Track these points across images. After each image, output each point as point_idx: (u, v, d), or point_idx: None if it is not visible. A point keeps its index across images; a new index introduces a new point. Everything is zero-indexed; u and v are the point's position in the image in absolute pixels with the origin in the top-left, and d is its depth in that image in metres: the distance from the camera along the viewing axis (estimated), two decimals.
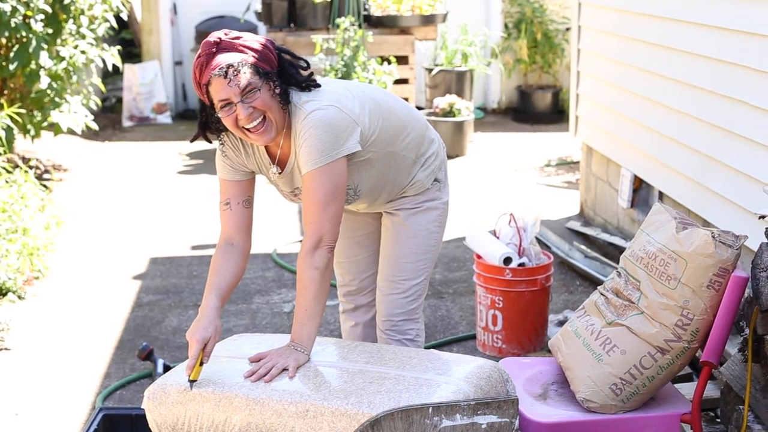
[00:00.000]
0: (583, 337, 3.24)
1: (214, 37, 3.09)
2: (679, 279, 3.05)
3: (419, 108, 9.89)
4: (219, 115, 3.10)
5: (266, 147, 3.27)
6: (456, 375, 3.03)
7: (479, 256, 4.97)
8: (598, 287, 3.37)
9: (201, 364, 3.02)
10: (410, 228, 3.52)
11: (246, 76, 3.03)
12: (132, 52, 11.69)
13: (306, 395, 2.92)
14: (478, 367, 3.09)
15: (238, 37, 3.09)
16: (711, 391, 3.82)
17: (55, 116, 7.41)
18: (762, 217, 2.99)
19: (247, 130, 3.10)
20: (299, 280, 3.13)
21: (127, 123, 10.79)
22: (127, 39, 11.84)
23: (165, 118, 10.90)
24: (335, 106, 3.16)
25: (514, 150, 9.53)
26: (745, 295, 3.16)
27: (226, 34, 3.09)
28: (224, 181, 3.32)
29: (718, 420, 3.66)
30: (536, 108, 10.79)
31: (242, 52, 3.05)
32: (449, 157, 9.04)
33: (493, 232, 5.06)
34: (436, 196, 3.57)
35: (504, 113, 11.24)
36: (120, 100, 11.16)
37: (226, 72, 3.02)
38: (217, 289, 3.18)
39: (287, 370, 3.02)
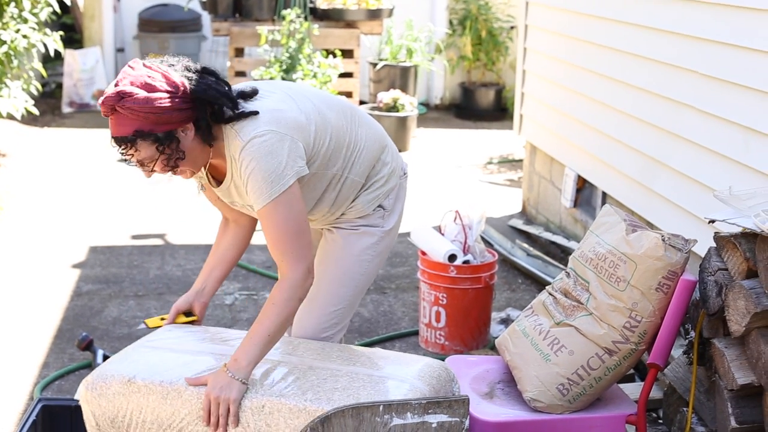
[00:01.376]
0: (531, 337, 3.25)
1: (108, 96, 2.83)
2: (628, 281, 3.07)
3: (363, 102, 9.88)
4: None
5: None
6: (409, 373, 3.04)
7: (424, 253, 4.97)
8: (547, 287, 3.38)
9: (161, 320, 3.27)
10: (340, 249, 3.29)
11: (139, 152, 2.87)
12: (73, 37, 11.52)
13: (261, 391, 2.88)
14: (427, 365, 3.09)
15: (132, 101, 2.79)
16: (653, 392, 3.86)
17: None
18: (711, 221, 3.02)
19: None
20: (275, 304, 2.91)
21: (66, 109, 10.63)
22: (68, 24, 11.66)
23: None
24: (273, 131, 2.93)
25: (457, 147, 9.55)
26: (693, 298, 3.19)
27: (121, 98, 2.80)
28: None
29: (660, 421, 3.70)
30: (479, 105, 10.82)
31: (137, 118, 2.81)
32: None
33: (438, 229, 5.06)
34: (376, 222, 3.30)
35: (447, 109, 11.26)
36: (60, 86, 11.00)
37: (119, 144, 2.87)
38: (208, 268, 3.36)
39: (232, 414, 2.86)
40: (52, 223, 6.84)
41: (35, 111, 7.90)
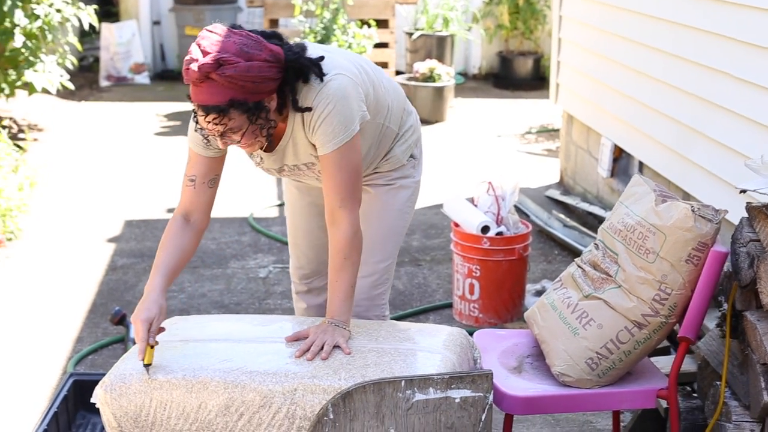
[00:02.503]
0: (560, 310, 3.20)
1: (199, 61, 2.72)
2: (657, 253, 3.01)
3: (399, 72, 9.82)
4: None
5: None
6: (435, 343, 3.01)
7: (457, 224, 4.92)
8: (576, 259, 3.32)
9: (151, 347, 2.87)
10: (381, 205, 3.31)
11: (230, 122, 2.80)
12: (110, 11, 11.55)
13: (291, 374, 2.82)
14: (449, 334, 3.07)
15: (233, 69, 2.73)
16: (688, 365, 3.79)
17: (29, 75, 7.30)
18: (743, 191, 2.95)
19: None
20: (346, 257, 2.97)
21: (104, 83, 10.66)
22: None
23: (143, 79, 10.78)
24: (342, 74, 2.96)
25: (495, 116, 9.46)
26: (725, 269, 3.12)
27: (219, 65, 2.71)
28: (194, 153, 3.07)
29: (695, 395, 3.64)
30: (517, 74, 10.71)
31: (230, 87, 2.75)
32: (429, 122, 8.99)
33: (471, 200, 5.01)
34: (410, 173, 3.37)
35: (485, 79, 11.16)
36: (97, 60, 11.03)
37: (208, 113, 2.79)
38: (164, 268, 2.98)
39: (338, 347, 2.91)
40: (87, 197, 6.87)
41: (70, 86, 7.93)
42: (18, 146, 6.73)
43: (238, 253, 5.83)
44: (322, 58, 2.97)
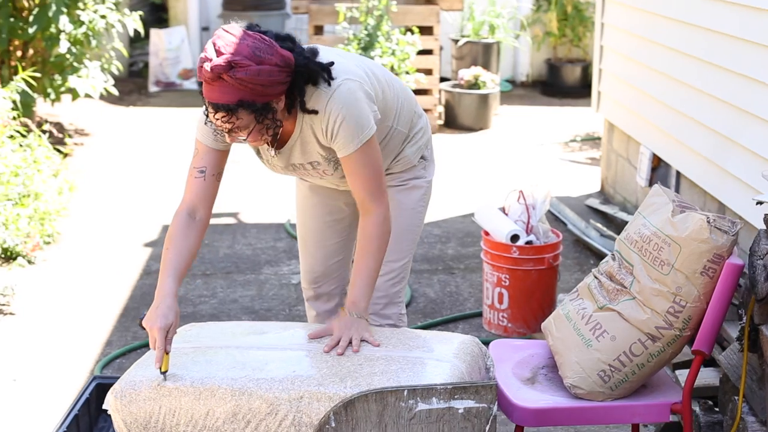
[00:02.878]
0: (574, 321, 3.17)
1: (212, 62, 2.80)
2: (672, 264, 2.96)
3: (445, 79, 9.79)
4: None
5: None
6: (445, 352, 2.99)
7: (487, 233, 4.89)
8: (593, 270, 3.28)
9: (167, 353, 2.88)
10: (396, 204, 3.36)
11: (238, 121, 2.88)
12: (161, 17, 11.65)
13: (298, 381, 2.83)
14: (461, 342, 3.05)
15: (244, 72, 2.80)
16: (712, 378, 3.74)
17: (72, 81, 7.38)
18: (759, 203, 2.89)
19: None
20: (372, 240, 3.08)
21: (153, 88, 10.76)
22: (157, 4, 11.80)
23: (191, 84, 10.85)
24: (350, 79, 3.05)
25: (540, 124, 9.40)
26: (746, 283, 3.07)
27: (231, 67, 2.79)
28: (203, 145, 3.13)
29: (717, 409, 3.58)
30: (565, 82, 10.63)
31: (240, 88, 2.82)
32: (473, 130, 8.96)
33: (503, 209, 4.97)
34: (421, 174, 3.45)
35: (532, 86, 11.10)
36: (147, 65, 11.13)
37: (217, 110, 2.87)
38: (174, 271, 3.00)
39: (365, 341, 2.99)
40: (128, 202, 6.93)
41: (114, 91, 8.00)
42: (58, 150, 6.80)
43: (272, 259, 5.84)
44: (332, 63, 3.02)
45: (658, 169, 6.01)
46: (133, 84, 10.85)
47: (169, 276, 3.00)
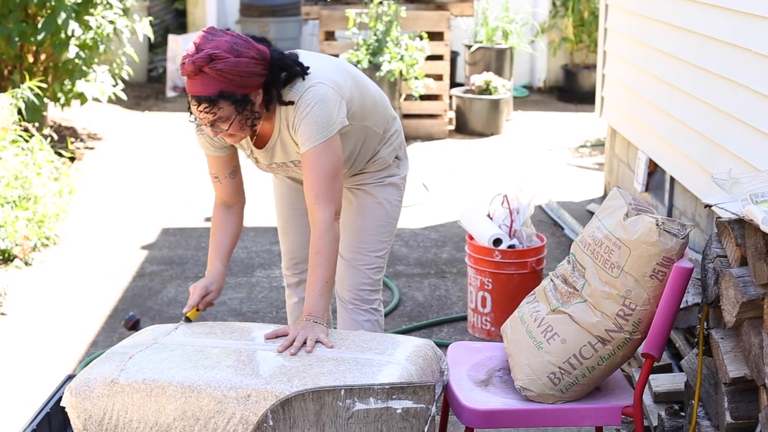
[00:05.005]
0: (527, 324, 3.16)
1: (194, 56, 3.00)
2: (622, 267, 2.95)
3: (458, 85, 9.78)
4: None
5: None
6: (397, 355, 2.99)
7: (471, 237, 4.89)
8: (550, 273, 3.28)
9: (197, 309, 3.22)
10: (374, 200, 3.58)
11: (219, 111, 3.05)
12: (183, 22, 11.73)
13: (246, 380, 2.85)
14: (414, 345, 3.05)
15: (223, 63, 2.99)
16: (678, 383, 3.71)
17: (80, 86, 7.45)
18: (707, 206, 2.87)
19: None
20: (319, 253, 3.16)
21: (170, 93, 10.83)
22: (180, 10, 11.90)
23: None
24: (323, 83, 3.21)
25: (553, 130, 9.36)
26: None
27: (212, 59, 2.98)
28: (208, 155, 3.41)
29: (683, 413, 3.55)
30: (582, 87, 10.58)
31: (220, 80, 3.01)
32: (484, 135, 8.95)
33: (489, 213, 4.97)
34: (395, 172, 3.64)
35: (549, 92, 11.06)
36: (165, 71, 11.21)
37: (199, 103, 3.05)
38: (221, 252, 3.37)
39: (320, 342, 3.04)
40: (130, 205, 6.98)
41: (123, 96, 8.07)
42: (60, 154, 6.86)
43: (265, 262, 5.87)
44: (307, 67, 3.22)
45: (654, 174, 5.98)
46: (151, 89, 10.93)
47: (216, 258, 3.39)
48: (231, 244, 3.45)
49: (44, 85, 7.14)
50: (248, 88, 3.07)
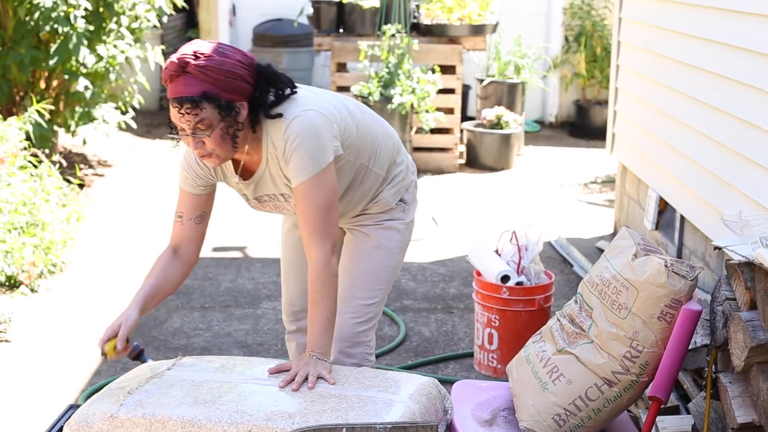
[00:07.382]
0: (533, 364, 3.12)
1: (182, 56, 2.94)
2: (629, 308, 2.92)
3: (470, 119, 9.78)
4: None
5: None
6: (400, 393, 2.96)
7: (479, 273, 4.85)
8: (557, 312, 3.24)
9: (114, 348, 3.12)
10: (370, 244, 3.38)
11: (202, 113, 2.92)
12: None
13: (247, 416, 2.83)
14: (418, 384, 3.02)
15: (207, 61, 2.92)
16: (686, 425, 3.66)
17: (81, 131, 7.54)
18: (717, 248, 2.84)
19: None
20: (317, 290, 3.07)
21: None
22: (193, 38, 11.93)
23: None
24: (313, 110, 3.09)
25: (563, 165, 9.34)
26: None
27: (196, 57, 2.93)
28: (183, 191, 3.30)
29: None
30: (593, 123, 10.55)
31: (204, 79, 2.91)
32: (495, 170, 8.92)
33: (497, 250, 4.93)
34: (399, 216, 3.44)
35: (561, 127, 11.04)
36: None
37: (182, 104, 2.93)
38: (144, 300, 3.20)
39: (322, 378, 2.99)
40: (139, 233, 6.96)
41: (133, 124, 8.08)
42: (68, 181, 6.86)
43: (272, 294, 5.84)
44: (294, 84, 3.11)
45: (665, 212, 5.95)
46: (162, 117, 10.92)
47: (136, 305, 3.19)
48: (159, 290, 3.25)
49: (52, 107, 7.16)
50: (233, 93, 2.95)
